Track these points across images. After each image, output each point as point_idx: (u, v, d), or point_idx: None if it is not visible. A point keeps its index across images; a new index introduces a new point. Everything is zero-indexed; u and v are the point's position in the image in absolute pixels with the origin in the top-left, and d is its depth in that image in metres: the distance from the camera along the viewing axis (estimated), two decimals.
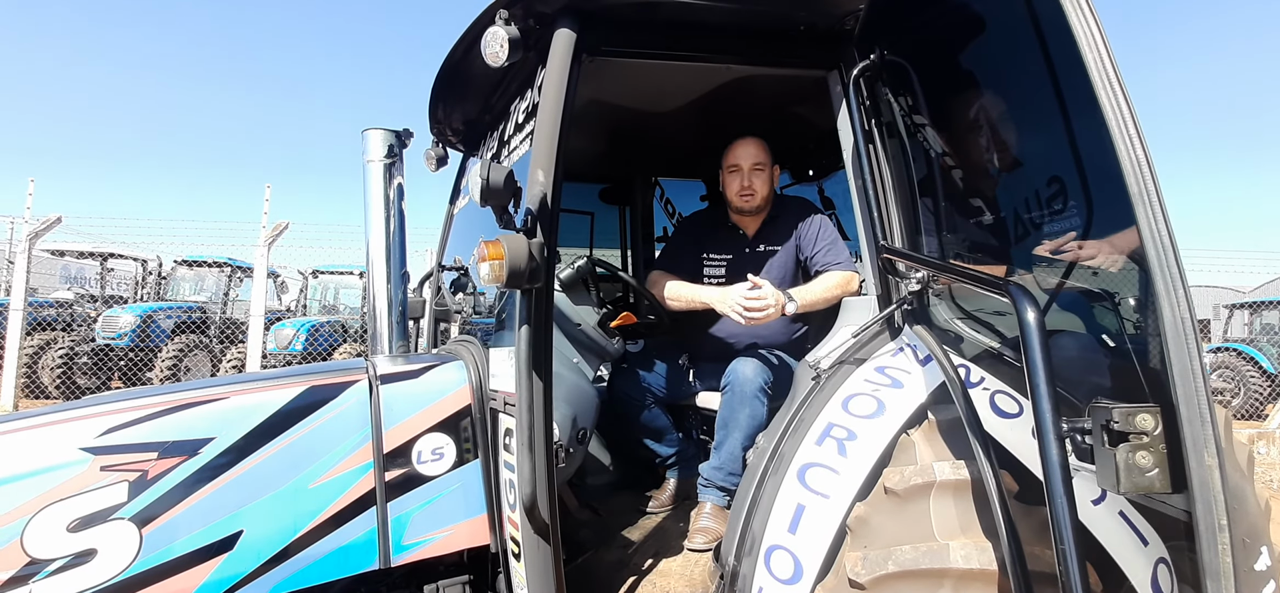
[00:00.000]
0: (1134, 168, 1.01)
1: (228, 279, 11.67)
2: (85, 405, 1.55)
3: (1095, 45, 1.06)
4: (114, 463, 1.41)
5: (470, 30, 1.81)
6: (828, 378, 1.74)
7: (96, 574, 1.34)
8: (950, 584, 1.35)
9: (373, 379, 1.68)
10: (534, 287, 1.46)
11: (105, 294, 11.90)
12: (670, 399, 2.65)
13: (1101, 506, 1.31)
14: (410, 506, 1.61)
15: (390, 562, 1.58)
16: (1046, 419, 1.06)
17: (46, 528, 1.33)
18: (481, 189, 1.41)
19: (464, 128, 2.54)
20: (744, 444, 2.22)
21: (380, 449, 1.60)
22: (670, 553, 2.23)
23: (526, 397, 1.43)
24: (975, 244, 1.65)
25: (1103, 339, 1.34)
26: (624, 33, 1.73)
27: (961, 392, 1.40)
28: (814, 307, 2.29)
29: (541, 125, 1.55)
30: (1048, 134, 1.32)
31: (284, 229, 7.61)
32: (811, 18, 1.82)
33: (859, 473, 1.51)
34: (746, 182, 2.49)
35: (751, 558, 1.54)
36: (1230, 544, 0.94)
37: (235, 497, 1.47)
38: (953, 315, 1.69)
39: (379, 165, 1.94)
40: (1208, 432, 0.96)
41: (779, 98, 2.56)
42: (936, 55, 1.66)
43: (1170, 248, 1.01)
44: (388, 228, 1.95)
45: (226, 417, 1.52)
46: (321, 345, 10.63)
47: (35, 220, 7.54)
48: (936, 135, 1.69)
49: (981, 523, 1.38)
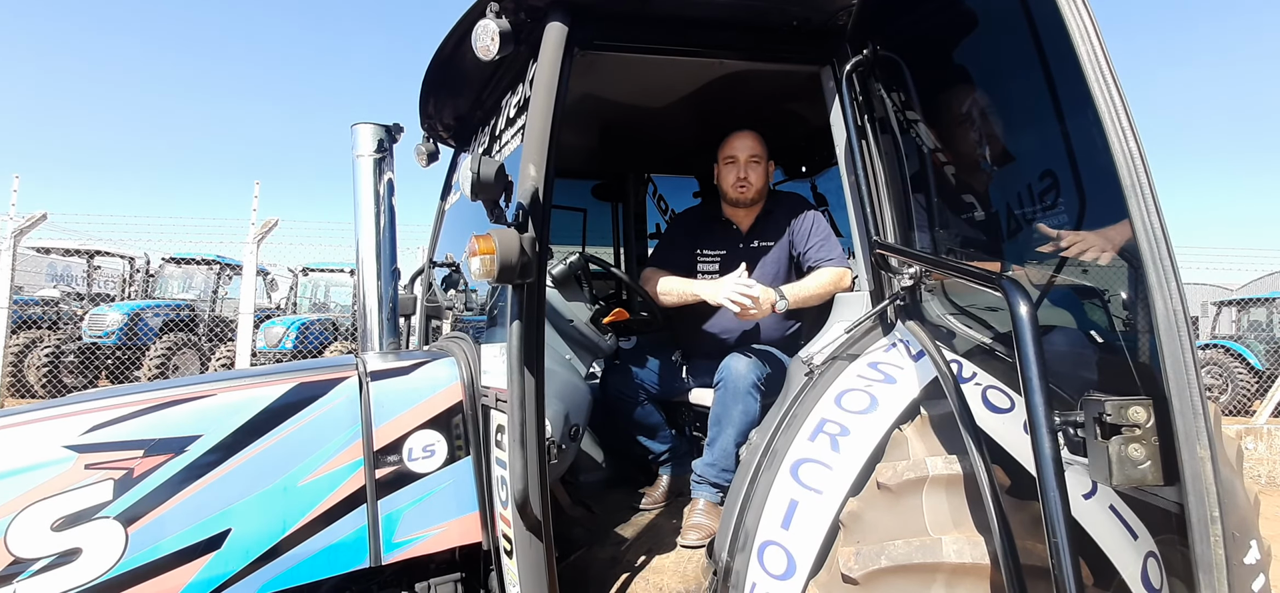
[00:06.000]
0: (1126, 160, 1.01)
1: (216, 277, 11.58)
2: (69, 403, 1.53)
3: (1088, 38, 1.06)
4: (99, 461, 1.39)
5: (461, 23, 1.79)
6: (821, 374, 1.74)
7: (81, 574, 1.32)
8: (943, 579, 1.35)
9: (363, 376, 1.66)
10: (526, 282, 1.45)
11: (92, 292, 11.78)
12: (663, 396, 2.64)
13: (1092, 499, 1.32)
14: (401, 503, 1.60)
15: (381, 560, 1.56)
16: (1039, 413, 1.06)
17: (30, 527, 1.31)
18: (472, 183, 1.40)
19: (455, 122, 2.52)
20: (737, 440, 2.22)
21: (370, 446, 1.59)
22: (663, 550, 2.22)
23: (518, 393, 1.42)
24: (968, 239, 1.65)
25: (1095, 333, 1.34)
26: (616, 27, 1.72)
27: (954, 387, 1.40)
28: (806, 303, 2.29)
29: (533, 120, 1.53)
30: (1040, 128, 1.32)
31: (273, 226, 7.54)
32: (804, 13, 1.81)
33: (852, 468, 1.51)
34: (742, 173, 2.49)
35: (745, 554, 1.54)
36: (1223, 536, 0.94)
37: (223, 495, 1.45)
38: (945, 311, 1.69)
39: (369, 160, 1.92)
40: (1200, 424, 0.96)
41: (772, 93, 2.56)
42: (929, 50, 1.66)
43: (1162, 240, 1.01)
44: (378, 224, 1.93)
45: (214, 414, 1.50)
46: (312, 343, 10.56)
47: (20, 217, 7.44)
48: (929, 131, 1.69)
49: (974, 517, 1.38)
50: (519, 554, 1.50)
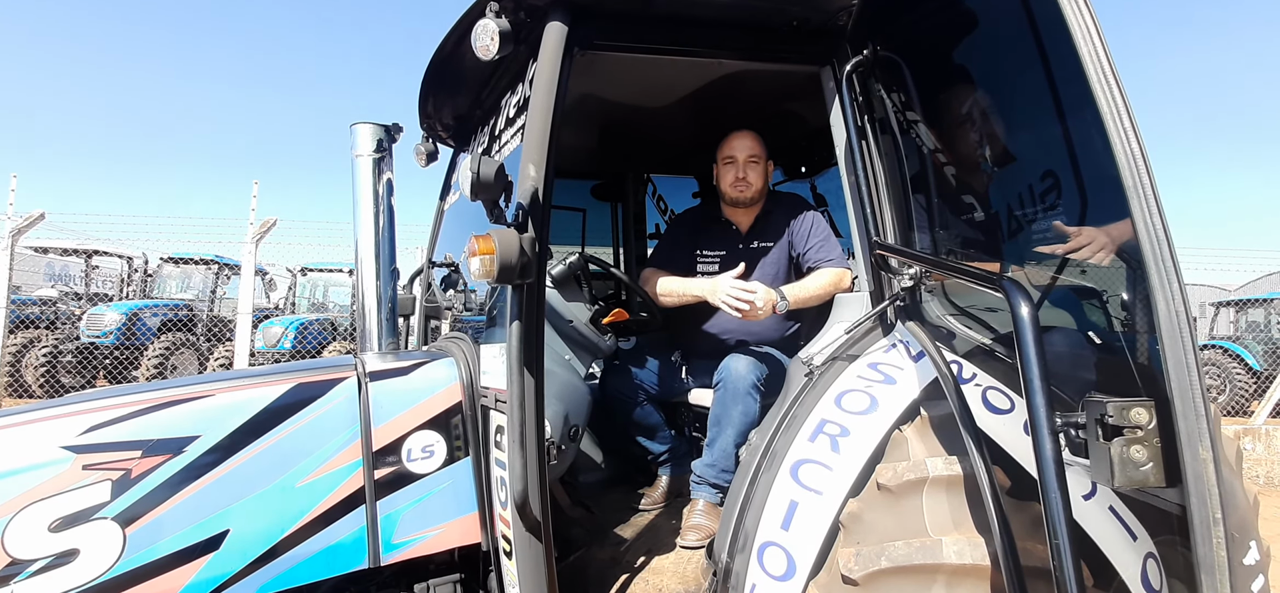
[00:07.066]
0: (1128, 161, 1.01)
1: (215, 277, 11.55)
2: (67, 403, 1.52)
3: (1090, 38, 1.06)
4: (97, 462, 1.38)
5: (461, 23, 1.79)
6: (821, 374, 1.74)
7: (79, 575, 1.31)
8: (943, 580, 1.35)
9: (362, 376, 1.66)
10: (525, 282, 1.44)
11: (90, 292, 11.75)
12: (663, 396, 2.64)
13: (1091, 501, 1.32)
14: (400, 504, 1.59)
15: (380, 561, 1.56)
16: (1040, 414, 1.06)
17: (27, 528, 1.30)
18: (472, 183, 1.39)
19: (454, 122, 2.52)
20: (737, 441, 2.21)
21: (369, 447, 1.58)
22: (663, 551, 2.22)
23: (518, 394, 1.41)
24: (968, 240, 1.65)
25: (1095, 335, 1.34)
26: (616, 27, 1.72)
27: (954, 388, 1.40)
28: (806, 304, 2.29)
29: (533, 120, 1.53)
30: (1042, 129, 1.32)
31: (272, 226, 7.52)
32: (804, 13, 1.81)
33: (852, 469, 1.51)
34: (741, 172, 2.49)
35: (744, 555, 1.53)
36: (1225, 538, 0.94)
37: (221, 495, 1.44)
38: (945, 312, 1.69)
39: (368, 160, 1.92)
40: (1202, 425, 0.96)
41: (772, 93, 2.56)
42: (929, 50, 1.65)
43: (1165, 241, 1.01)
44: (377, 224, 1.92)
45: (212, 414, 1.50)
46: (310, 343, 10.54)
47: (17, 217, 7.42)
48: (929, 131, 1.69)
49: (974, 518, 1.38)
50: (518, 555, 1.50)
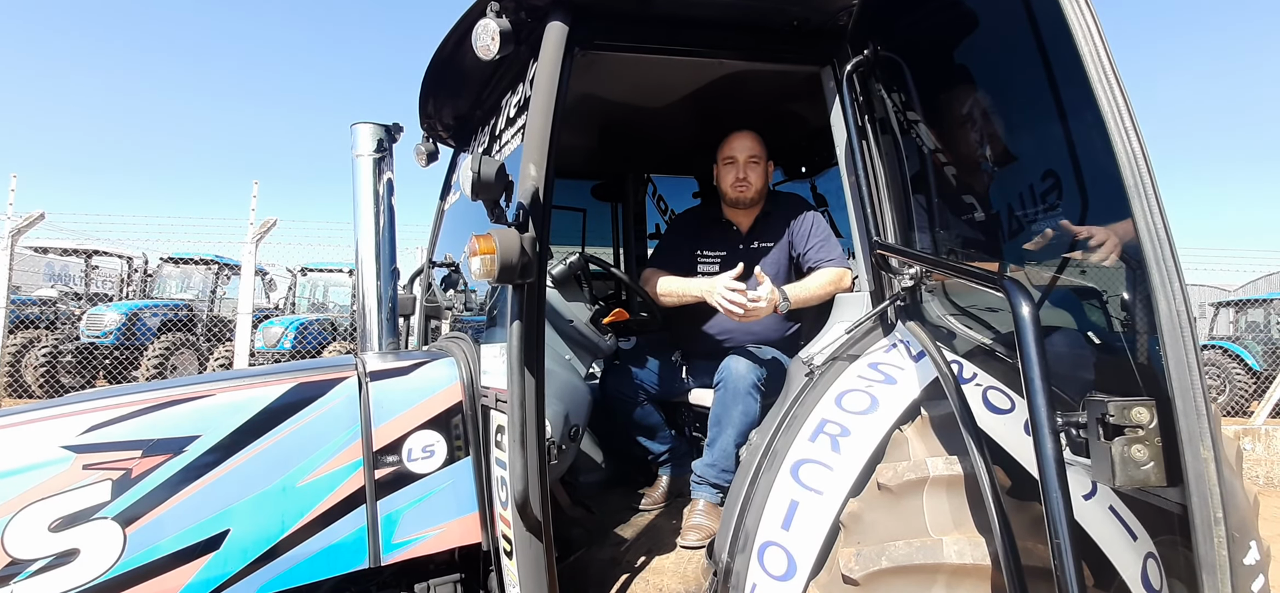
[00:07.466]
0: (1129, 160, 1.01)
1: (215, 277, 11.54)
2: (67, 403, 1.52)
3: (1091, 37, 1.06)
4: (97, 461, 1.38)
5: (461, 23, 1.79)
6: (821, 374, 1.74)
7: (79, 575, 1.31)
8: (943, 580, 1.35)
9: (362, 376, 1.66)
10: (526, 282, 1.44)
11: (90, 292, 11.74)
12: (663, 396, 2.64)
13: (1092, 501, 1.32)
14: (400, 504, 1.59)
15: (380, 561, 1.56)
16: (1041, 413, 1.06)
17: (27, 528, 1.30)
18: (473, 183, 1.39)
19: (454, 122, 2.52)
20: (737, 441, 2.21)
21: (370, 447, 1.58)
22: (663, 551, 2.22)
23: (518, 393, 1.41)
24: (969, 240, 1.65)
25: (1096, 334, 1.34)
26: (616, 27, 1.72)
27: (954, 387, 1.40)
28: (806, 304, 2.29)
29: (533, 120, 1.53)
30: (1042, 128, 1.32)
31: (272, 226, 7.52)
32: (805, 13, 1.81)
33: (852, 469, 1.51)
34: (741, 173, 2.49)
35: (745, 555, 1.53)
36: (1226, 537, 0.94)
37: (222, 495, 1.44)
38: (945, 311, 1.69)
39: (368, 160, 1.92)
40: (1203, 424, 0.96)
41: (772, 93, 2.55)
42: (930, 50, 1.65)
43: (1166, 240, 1.01)
44: (377, 224, 1.92)
45: (212, 414, 1.50)
46: (310, 344, 10.53)
47: (17, 217, 7.42)
48: (930, 131, 1.69)
49: (974, 518, 1.38)
50: (519, 555, 1.50)
